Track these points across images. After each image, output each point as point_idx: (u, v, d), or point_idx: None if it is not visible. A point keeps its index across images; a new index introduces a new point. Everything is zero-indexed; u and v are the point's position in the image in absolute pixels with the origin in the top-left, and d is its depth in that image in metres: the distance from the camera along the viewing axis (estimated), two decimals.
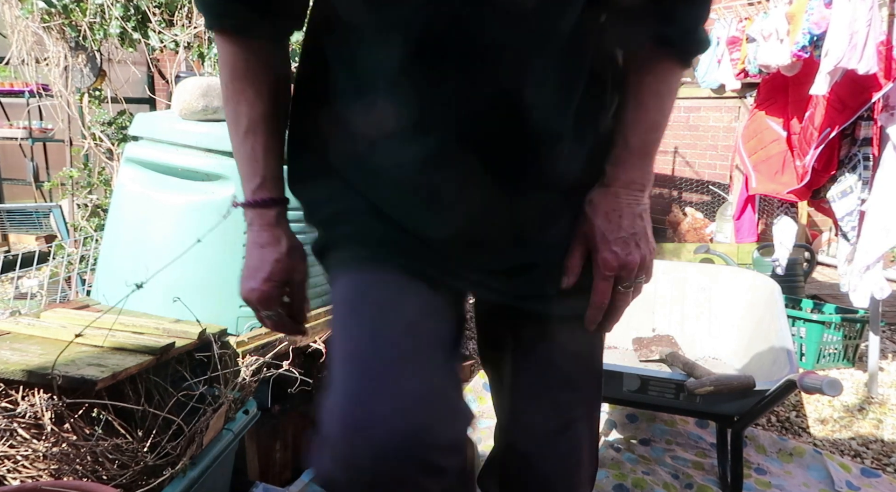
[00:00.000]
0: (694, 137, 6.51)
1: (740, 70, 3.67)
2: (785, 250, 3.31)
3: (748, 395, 1.76)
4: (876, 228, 2.54)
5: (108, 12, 2.63)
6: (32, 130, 4.83)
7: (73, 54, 2.77)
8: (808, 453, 2.28)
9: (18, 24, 2.71)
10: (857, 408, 2.73)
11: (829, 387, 1.51)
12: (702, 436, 2.39)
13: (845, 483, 2.11)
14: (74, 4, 2.65)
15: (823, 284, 4.66)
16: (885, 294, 2.60)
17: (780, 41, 3.01)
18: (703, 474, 2.14)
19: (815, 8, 2.70)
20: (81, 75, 2.82)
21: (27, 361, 1.28)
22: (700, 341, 2.53)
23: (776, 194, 3.29)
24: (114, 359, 1.35)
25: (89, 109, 2.95)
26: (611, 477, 2.08)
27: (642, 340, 2.55)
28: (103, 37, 2.69)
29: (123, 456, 1.22)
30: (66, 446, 1.19)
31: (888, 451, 2.38)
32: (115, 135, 2.93)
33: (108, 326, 1.48)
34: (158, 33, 2.67)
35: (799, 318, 3.13)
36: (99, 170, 3.04)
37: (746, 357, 2.31)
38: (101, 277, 1.87)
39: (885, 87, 2.52)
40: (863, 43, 2.41)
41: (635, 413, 2.49)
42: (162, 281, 1.68)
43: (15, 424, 1.19)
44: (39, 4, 2.63)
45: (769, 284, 2.39)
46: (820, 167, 2.83)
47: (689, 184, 6.36)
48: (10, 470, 1.15)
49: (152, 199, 1.75)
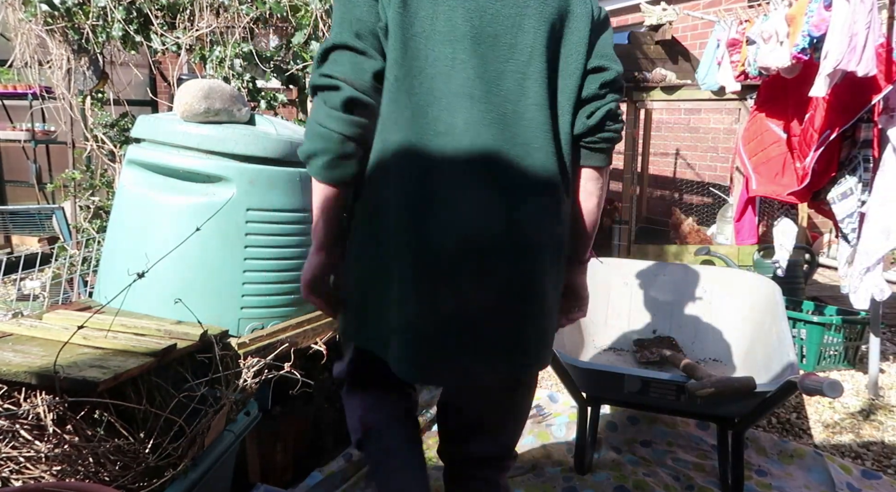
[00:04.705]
0: (694, 139, 6.51)
1: (740, 72, 3.68)
2: (785, 252, 3.31)
3: (749, 397, 1.76)
4: (876, 230, 2.54)
5: (111, 15, 2.64)
6: (35, 132, 4.84)
7: (75, 57, 2.78)
8: (809, 454, 2.28)
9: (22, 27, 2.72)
10: (858, 410, 2.73)
11: (829, 389, 1.51)
12: (703, 438, 2.39)
13: (846, 485, 2.10)
14: (77, 7, 2.66)
15: (824, 285, 4.66)
16: (886, 296, 2.60)
17: (780, 43, 3.01)
18: (704, 476, 2.14)
19: (815, 10, 2.71)
20: (84, 78, 2.83)
21: (29, 363, 1.29)
22: (701, 343, 2.53)
23: (776, 196, 3.29)
24: (115, 361, 1.36)
25: (92, 112, 2.96)
26: (612, 479, 2.08)
27: (643, 341, 2.55)
28: (106, 39, 2.70)
29: (125, 457, 1.23)
30: (68, 447, 1.19)
31: (889, 452, 2.38)
32: (117, 137, 2.94)
33: (109, 323, 1.49)
34: (160, 36, 2.68)
35: (800, 319, 3.13)
36: (101, 172, 3.05)
37: (747, 359, 2.31)
38: (103, 279, 1.88)
39: (884, 89, 2.52)
40: (862, 45, 2.41)
41: (636, 415, 2.50)
42: (164, 283, 1.70)
43: (17, 425, 1.19)
44: (43, 7, 2.64)
45: (770, 285, 2.39)
46: (820, 169, 2.83)
47: (689, 186, 6.36)
48: (13, 471, 1.15)
49: (154, 200, 1.76)
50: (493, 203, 1.06)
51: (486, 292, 1.08)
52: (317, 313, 1.92)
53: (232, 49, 2.63)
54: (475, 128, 1.04)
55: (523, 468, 2.16)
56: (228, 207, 1.72)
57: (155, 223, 1.75)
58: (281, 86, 2.86)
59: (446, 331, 1.09)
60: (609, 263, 2.71)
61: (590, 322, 2.59)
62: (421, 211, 1.06)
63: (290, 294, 1.85)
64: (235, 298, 1.76)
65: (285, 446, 2.01)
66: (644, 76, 4.63)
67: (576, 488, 2.04)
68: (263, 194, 1.77)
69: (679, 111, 6.58)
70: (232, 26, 2.69)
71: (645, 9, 4.94)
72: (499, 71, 1.06)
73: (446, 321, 1.08)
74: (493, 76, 1.06)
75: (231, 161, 1.75)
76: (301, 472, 2.05)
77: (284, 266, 1.83)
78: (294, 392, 1.68)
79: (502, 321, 1.10)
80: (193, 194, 1.74)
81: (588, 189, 1.17)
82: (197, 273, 1.72)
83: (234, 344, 1.67)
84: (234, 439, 1.46)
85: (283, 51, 2.78)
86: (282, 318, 1.85)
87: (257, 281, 1.79)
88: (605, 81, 1.11)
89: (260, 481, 1.87)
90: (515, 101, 1.07)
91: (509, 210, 1.07)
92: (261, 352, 1.71)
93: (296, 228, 1.83)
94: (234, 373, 1.57)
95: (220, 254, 1.74)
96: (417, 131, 1.05)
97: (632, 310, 2.63)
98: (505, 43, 1.07)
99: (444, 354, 1.10)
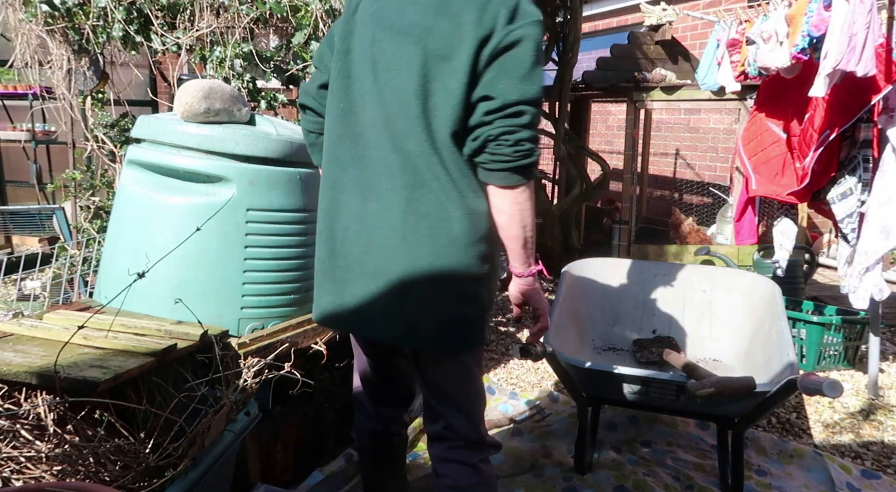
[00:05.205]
0: (694, 140, 6.51)
1: (740, 72, 3.68)
2: (785, 252, 3.31)
3: (749, 396, 1.76)
4: (875, 229, 2.54)
5: (111, 15, 2.64)
6: (35, 132, 4.85)
7: (76, 57, 2.78)
8: (809, 454, 2.28)
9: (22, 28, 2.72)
10: (858, 410, 2.73)
11: (829, 388, 1.51)
12: (702, 437, 2.39)
13: (846, 485, 2.11)
14: (78, 8, 2.65)
15: (824, 285, 4.66)
16: (885, 296, 2.60)
17: (780, 43, 3.02)
18: (704, 476, 2.14)
19: (815, 10, 2.71)
20: (84, 78, 2.83)
21: (30, 363, 1.29)
22: (701, 343, 2.53)
23: (776, 196, 3.29)
24: (116, 361, 1.36)
25: (92, 112, 2.96)
26: (612, 478, 2.08)
27: (643, 341, 2.55)
28: (106, 40, 2.70)
29: (125, 457, 1.23)
30: (69, 447, 1.19)
31: (888, 452, 2.38)
32: (117, 137, 2.94)
33: (109, 324, 1.49)
34: (161, 36, 2.68)
35: (799, 319, 3.13)
36: (101, 172, 3.05)
37: (747, 359, 2.31)
38: (104, 279, 1.88)
39: (884, 89, 2.52)
40: (861, 45, 2.41)
41: (636, 415, 2.50)
42: (164, 283, 1.70)
43: (18, 425, 1.20)
44: (43, 8, 2.64)
45: (770, 285, 2.39)
46: (820, 169, 2.83)
47: (689, 186, 6.36)
48: (14, 471, 1.15)
49: (154, 200, 1.76)
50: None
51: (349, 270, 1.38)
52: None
53: (232, 49, 2.63)
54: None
55: (523, 468, 2.16)
56: (228, 207, 1.72)
57: (155, 223, 1.75)
58: (281, 86, 2.86)
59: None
60: (609, 263, 2.72)
61: (590, 322, 2.59)
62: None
63: (290, 294, 1.86)
64: (235, 298, 1.77)
65: (285, 446, 2.01)
66: (644, 76, 4.63)
67: (576, 487, 2.04)
68: (263, 194, 1.77)
69: (679, 111, 6.58)
70: (232, 26, 2.69)
71: (645, 9, 4.94)
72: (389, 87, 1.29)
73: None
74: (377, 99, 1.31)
75: (231, 161, 1.75)
76: (301, 472, 2.05)
77: (284, 266, 1.83)
78: (294, 392, 1.68)
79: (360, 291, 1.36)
80: (193, 194, 1.74)
81: (496, 205, 1.28)
82: (197, 273, 1.73)
83: (234, 344, 1.68)
84: (234, 439, 1.46)
85: (283, 51, 2.78)
86: (282, 318, 1.85)
87: (257, 281, 1.79)
88: (490, 109, 1.21)
89: (260, 480, 1.87)
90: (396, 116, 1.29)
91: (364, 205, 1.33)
92: (261, 352, 1.71)
93: (296, 228, 1.84)
94: (235, 373, 1.57)
95: (220, 254, 1.74)
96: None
97: (632, 310, 2.63)
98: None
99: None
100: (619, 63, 4.82)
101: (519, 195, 1.25)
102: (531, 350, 1.65)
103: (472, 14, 1.21)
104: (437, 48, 1.23)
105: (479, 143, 1.23)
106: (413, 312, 1.31)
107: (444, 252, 1.28)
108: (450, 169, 1.26)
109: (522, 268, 1.32)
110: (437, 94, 1.24)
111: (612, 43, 4.97)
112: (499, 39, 1.20)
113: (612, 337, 2.60)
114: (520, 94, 1.21)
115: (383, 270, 1.31)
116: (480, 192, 1.29)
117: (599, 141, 7.75)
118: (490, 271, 1.35)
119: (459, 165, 1.27)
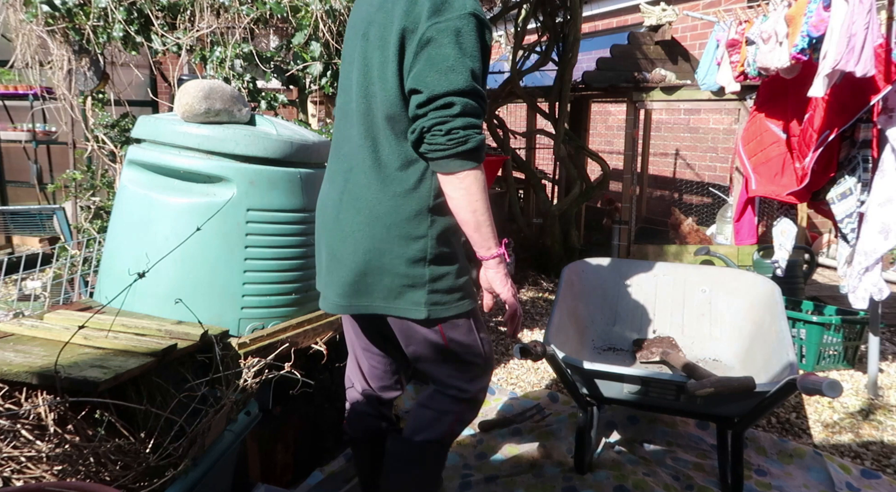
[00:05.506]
0: (694, 140, 6.51)
1: (740, 72, 3.68)
2: (785, 252, 3.31)
3: (748, 396, 1.76)
4: (875, 230, 2.55)
5: (112, 16, 2.64)
6: (36, 132, 4.86)
7: (76, 57, 2.79)
8: (809, 454, 2.28)
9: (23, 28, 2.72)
10: (857, 409, 2.73)
11: (829, 388, 1.51)
12: (702, 437, 2.40)
13: (845, 484, 2.11)
14: (78, 8, 2.66)
15: (824, 285, 4.67)
16: (884, 296, 2.61)
17: (780, 44, 3.02)
18: (704, 476, 2.14)
19: (814, 11, 2.71)
20: (85, 78, 2.83)
21: (31, 363, 1.29)
22: (700, 343, 2.53)
23: (776, 196, 3.29)
24: (116, 361, 1.36)
25: (92, 112, 2.97)
26: (611, 478, 2.08)
27: (643, 341, 2.55)
28: (106, 40, 2.70)
29: (126, 457, 1.23)
30: (69, 447, 1.19)
31: (888, 452, 2.39)
32: (117, 137, 2.94)
33: (110, 324, 1.49)
34: (161, 36, 2.68)
35: (799, 319, 3.13)
36: (102, 172, 3.05)
37: (747, 359, 2.32)
38: (104, 279, 1.88)
39: (883, 89, 2.52)
40: (861, 45, 2.41)
41: (636, 415, 2.50)
42: (164, 283, 1.70)
43: (18, 425, 1.20)
44: (44, 8, 2.65)
45: (769, 285, 2.39)
46: (819, 169, 2.83)
47: (689, 186, 6.37)
48: (14, 471, 1.15)
49: (154, 200, 1.76)
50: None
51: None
52: (317, 313, 1.93)
53: (232, 50, 2.64)
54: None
55: (523, 468, 2.17)
56: (229, 208, 1.72)
57: (155, 223, 1.75)
58: (281, 86, 2.86)
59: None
60: (608, 263, 2.72)
61: (590, 322, 2.60)
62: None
63: (291, 294, 1.86)
64: (236, 298, 1.77)
65: (286, 446, 2.01)
66: (644, 76, 4.64)
67: (576, 487, 2.05)
68: (263, 194, 1.77)
69: (679, 111, 6.59)
70: (232, 27, 2.69)
71: (645, 9, 4.94)
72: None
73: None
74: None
75: (231, 161, 1.76)
76: (302, 472, 2.05)
77: (285, 266, 1.83)
78: (294, 392, 1.68)
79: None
80: (194, 194, 1.75)
81: (445, 192, 1.34)
82: (197, 273, 1.73)
83: (234, 344, 1.68)
84: (234, 439, 1.46)
85: (283, 51, 2.78)
86: (282, 318, 1.85)
87: (257, 281, 1.79)
88: (420, 103, 1.27)
89: (260, 480, 1.87)
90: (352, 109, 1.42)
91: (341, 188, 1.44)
92: (261, 352, 1.71)
93: (296, 228, 1.84)
94: (235, 373, 1.58)
95: (220, 254, 1.74)
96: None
97: (632, 310, 2.64)
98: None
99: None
100: (619, 63, 4.82)
101: (463, 180, 1.30)
102: (531, 350, 1.66)
103: (403, 7, 1.28)
104: (373, 39, 1.32)
105: (417, 134, 1.30)
106: (354, 282, 1.41)
107: (370, 230, 1.37)
108: (381, 154, 1.35)
109: (482, 251, 1.38)
110: (375, 83, 1.34)
111: (612, 43, 4.97)
112: (422, 32, 1.26)
113: (611, 337, 2.61)
114: (447, 86, 1.25)
115: (331, 247, 1.44)
116: (418, 175, 1.35)
117: (599, 141, 7.75)
118: (428, 250, 1.37)
119: (397, 150, 1.35)
